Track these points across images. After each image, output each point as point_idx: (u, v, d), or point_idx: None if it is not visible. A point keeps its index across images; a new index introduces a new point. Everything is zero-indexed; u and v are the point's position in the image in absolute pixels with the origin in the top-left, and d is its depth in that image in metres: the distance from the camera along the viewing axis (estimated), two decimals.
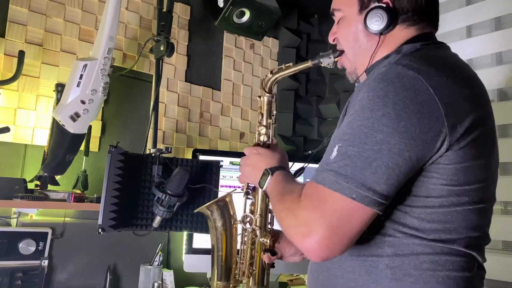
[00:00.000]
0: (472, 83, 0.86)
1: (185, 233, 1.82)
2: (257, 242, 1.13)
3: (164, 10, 1.81)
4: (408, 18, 0.90)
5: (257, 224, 1.12)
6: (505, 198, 1.76)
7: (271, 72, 1.13)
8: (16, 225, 1.53)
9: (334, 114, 2.47)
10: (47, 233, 1.56)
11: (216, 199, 1.19)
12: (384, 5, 0.89)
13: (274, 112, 1.18)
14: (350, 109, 0.82)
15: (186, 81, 2.06)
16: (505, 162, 1.79)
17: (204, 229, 1.53)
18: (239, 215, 1.17)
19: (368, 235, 0.82)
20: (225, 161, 1.88)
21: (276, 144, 1.19)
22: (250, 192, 1.15)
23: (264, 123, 1.17)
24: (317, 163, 1.24)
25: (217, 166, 1.58)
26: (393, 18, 0.89)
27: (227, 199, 1.20)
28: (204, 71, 2.14)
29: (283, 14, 2.16)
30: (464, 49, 1.91)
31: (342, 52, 1.02)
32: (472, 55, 1.91)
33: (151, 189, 1.42)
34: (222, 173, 1.61)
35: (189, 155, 1.98)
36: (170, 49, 1.76)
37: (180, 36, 2.04)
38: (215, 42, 2.20)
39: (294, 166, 1.15)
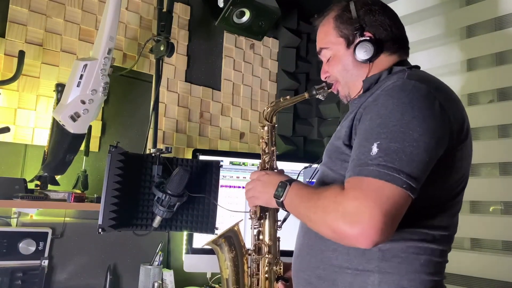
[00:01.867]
0: (458, 99, 1.02)
1: (185, 233, 1.82)
2: (270, 271, 1.14)
3: (164, 10, 1.81)
4: (389, 47, 1.08)
5: (268, 251, 1.14)
6: (505, 198, 1.76)
7: (271, 105, 1.27)
8: (16, 225, 1.54)
9: (334, 114, 2.47)
10: (47, 233, 1.56)
11: (224, 231, 1.18)
12: (368, 38, 1.06)
13: (275, 141, 1.27)
14: (371, 114, 0.91)
15: (186, 81, 2.06)
16: (505, 162, 1.79)
17: (204, 229, 1.53)
18: (248, 244, 1.19)
19: None
20: (225, 161, 1.88)
21: (282, 172, 1.23)
22: (258, 220, 1.16)
23: (268, 151, 1.24)
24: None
25: (217, 166, 1.58)
26: (378, 47, 1.06)
27: (235, 228, 1.20)
28: (204, 71, 2.14)
29: (283, 14, 2.16)
30: (464, 49, 1.91)
31: (334, 83, 1.16)
32: (472, 55, 1.91)
33: (151, 189, 1.42)
34: (222, 173, 1.61)
35: (189, 155, 1.98)
36: (170, 49, 1.76)
37: (180, 36, 2.04)
38: (215, 42, 2.20)
39: (294, 166, 1.15)
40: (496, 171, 1.83)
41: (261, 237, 1.16)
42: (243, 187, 1.91)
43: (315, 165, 1.21)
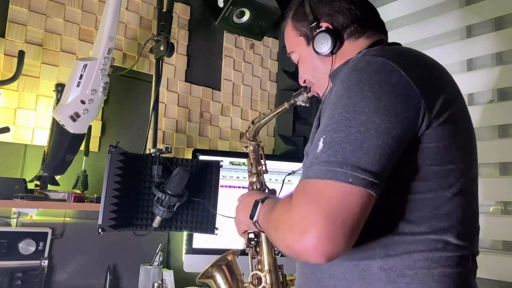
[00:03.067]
0: (438, 69, 0.87)
1: (185, 233, 1.82)
2: None
3: (164, 10, 1.81)
4: (352, 32, 0.97)
5: (267, 282, 1.04)
6: (505, 198, 1.76)
7: (252, 122, 1.20)
8: (16, 225, 1.53)
9: None
10: (47, 233, 1.56)
11: (215, 260, 1.09)
12: (324, 28, 0.96)
13: (263, 161, 1.19)
14: (327, 105, 0.81)
15: (186, 81, 2.06)
16: (505, 162, 1.79)
17: (204, 229, 1.53)
18: (246, 276, 1.09)
19: (358, 237, 0.75)
20: (225, 161, 1.88)
21: (274, 192, 1.17)
22: (252, 246, 1.08)
23: (255, 171, 1.17)
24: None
25: (217, 166, 1.58)
26: (337, 36, 0.96)
27: (229, 258, 1.13)
28: (204, 71, 2.14)
29: (283, 14, 2.16)
30: (464, 49, 1.91)
31: (310, 87, 1.09)
32: (472, 55, 1.91)
33: (151, 189, 1.42)
34: (222, 173, 1.60)
35: (189, 155, 1.98)
36: (170, 49, 1.76)
37: (180, 36, 2.04)
38: (215, 42, 2.20)
39: (294, 167, 1.14)
40: (496, 171, 1.83)
41: (259, 266, 1.06)
42: (243, 187, 1.91)
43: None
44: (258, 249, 1.08)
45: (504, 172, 1.80)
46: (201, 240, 1.81)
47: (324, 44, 0.95)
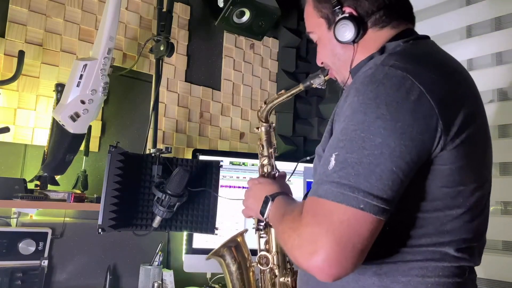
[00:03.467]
0: (460, 79, 0.84)
1: (185, 233, 1.82)
2: (278, 283, 1.06)
3: (164, 10, 1.81)
4: (377, 20, 0.90)
5: (275, 262, 1.06)
6: (505, 198, 1.76)
7: (265, 102, 1.15)
8: (16, 225, 1.53)
9: None
10: (47, 233, 1.56)
11: (225, 241, 1.12)
12: (348, 15, 0.89)
13: (274, 142, 1.17)
14: (340, 115, 0.79)
15: (186, 81, 2.06)
16: (505, 162, 1.79)
17: (204, 229, 1.53)
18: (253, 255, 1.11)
19: None
20: (225, 161, 1.88)
21: (283, 175, 1.16)
22: (261, 228, 1.10)
23: (266, 154, 1.16)
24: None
25: (217, 166, 1.58)
26: (361, 24, 0.89)
27: (238, 239, 1.15)
28: (204, 71, 2.14)
29: (283, 14, 2.16)
30: (464, 49, 1.91)
31: (328, 70, 1.04)
32: (472, 55, 1.91)
33: (151, 189, 1.42)
34: (222, 173, 1.60)
35: (189, 155, 1.98)
36: (170, 49, 1.76)
37: (180, 36, 2.04)
38: (215, 42, 2.20)
39: (294, 166, 1.13)
40: (496, 171, 1.83)
41: (267, 246, 1.09)
42: (243, 187, 1.91)
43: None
44: (266, 230, 1.10)
45: (504, 172, 1.80)
46: (201, 240, 1.81)
47: (347, 32, 0.89)
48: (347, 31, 0.89)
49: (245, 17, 2.00)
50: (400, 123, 0.70)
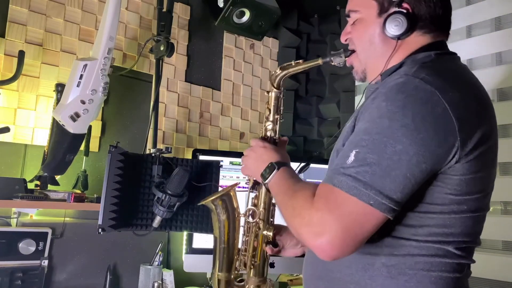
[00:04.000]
0: (481, 98, 0.89)
1: (185, 233, 1.82)
2: (260, 235, 1.14)
3: (164, 10, 1.81)
4: (425, 26, 0.93)
5: (260, 217, 1.14)
6: (505, 198, 1.76)
7: (280, 68, 1.13)
8: (16, 225, 1.53)
9: (334, 114, 2.47)
10: (47, 233, 1.56)
11: (220, 192, 1.19)
12: (405, 11, 0.91)
13: (282, 109, 1.18)
14: (365, 114, 0.83)
15: (186, 81, 2.06)
16: (505, 162, 1.79)
17: (204, 229, 1.53)
18: (242, 208, 1.18)
19: None
20: (225, 161, 1.88)
21: (285, 142, 1.20)
22: (254, 186, 1.16)
23: (271, 119, 1.17)
24: (320, 163, 1.22)
25: (217, 166, 1.58)
26: (412, 24, 0.91)
27: (231, 193, 1.20)
28: (204, 71, 2.14)
29: (283, 14, 2.16)
30: (464, 49, 1.91)
31: (352, 51, 1.02)
32: (472, 55, 1.91)
33: (151, 189, 1.42)
34: (222, 173, 1.60)
35: (189, 155, 1.98)
36: (170, 49, 1.76)
37: (180, 36, 2.04)
38: (215, 42, 2.20)
39: (294, 167, 1.14)
40: (496, 171, 1.82)
41: (255, 201, 1.16)
42: (244, 187, 1.91)
43: (316, 165, 1.21)
44: (257, 187, 1.16)
45: (504, 172, 1.80)
46: (201, 240, 1.81)
47: (398, 26, 0.90)
48: (399, 26, 0.90)
49: (245, 17, 2.00)
50: (422, 134, 0.77)
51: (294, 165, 1.15)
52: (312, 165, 1.21)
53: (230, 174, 1.91)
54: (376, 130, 0.78)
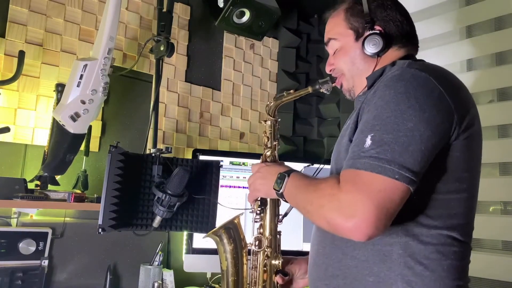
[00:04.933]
0: (463, 88, 0.99)
1: (185, 233, 1.82)
2: (269, 264, 1.14)
3: (164, 10, 1.81)
4: (398, 41, 1.08)
5: (268, 245, 1.14)
6: (505, 198, 1.76)
7: (274, 99, 1.24)
8: (16, 225, 1.54)
9: (334, 114, 2.47)
10: (47, 233, 1.56)
11: (224, 223, 1.19)
12: (378, 32, 1.05)
13: (278, 136, 1.27)
14: (370, 106, 0.90)
15: (186, 81, 2.06)
16: (505, 162, 1.79)
17: (204, 229, 1.53)
18: (248, 238, 1.19)
19: None
20: (225, 161, 1.88)
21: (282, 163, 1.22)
22: (258, 213, 1.16)
23: (270, 145, 1.23)
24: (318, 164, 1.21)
25: (217, 166, 1.58)
26: (387, 41, 1.05)
27: (235, 221, 1.21)
28: (204, 71, 2.14)
29: (283, 14, 2.16)
30: (464, 49, 1.92)
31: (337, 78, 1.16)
32: (472, 55, 1.91)
33: (151, 189, 1.42)
34: (222, 173, 1.61)
35: (189, 155, 1.98)
36: (170, 49, 1.76)
37: (180, 36, 2.04)
38: (215, 42, 2.20)
39: (294, 167, 1.14)
40: (496, 171, 1.83)
41: (261, 230, 1.16)
42: (244, 187, 1.91)
43: (316, 165, 1.22)
44: (262, 215, 1.17)
45: (504, 172, 1.80)
46: (201, 240, 1.80)
47: (375, 45, 1.04)
48: (376, 45, 1.05)
49: (245, 17, 2.00)
50: (427, 113, 0.85)
51: (295, 166, 1.15)
52: (327, 166, 1.22)
53: (230, 174, 1.91)
54: (386, 114, 0.86)
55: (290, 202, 1.02)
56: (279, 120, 1.27)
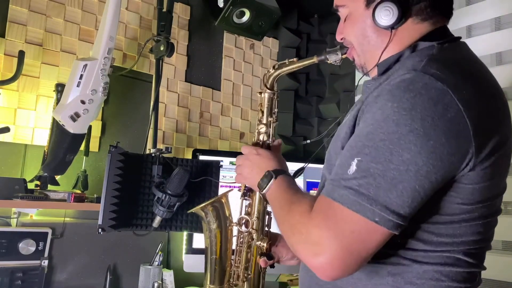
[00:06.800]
0: (496, 95, 0.82)
1: (185, 233, 1.82)
2: (253, 246, 1.07)
3: (164, 10, 1.81)
4: (421, 11, 0.83)
5: (254, 227, 1.07)
6: (505, 198, 1.75)
7: (274, 67, 1.09)
8: (16, 225, 1.53)
9: (334, 114, 2.47)
10: (47, 233, 1.56)
11: (211, 200, 1.14)
12: None
13: (275, 110, 1.13)
14: (368, 115, 0.75)
15: (186, 81, 2.06)
16: None
17: None
18: (235, 217, 1.12)
19: None
20: (225, 161, 1.88)
21: (279, 145, 1.14)
22: (247, 193, 1.10)
23: (264, 121, 1.11)
24: (317, 163, 1.20)
25: (217, 166, 1.58)
26: (405, 11, 0.82)
27: (222, 200, 1.16)
28: (204, 71, 2.14)
29: (283, 14, 2.16)
30: None
31: (347, 48, 0.97)
32: None
33: (151, 189, 1.42)
34: (222, 173, 1.60)
35: (189, 155, 1.98)
36: (170, 49, 1.76)
37: (180, 36, 2.04)
38: (215, 42, 2.20)
39: (294, 166, 1.14)
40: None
41: (249, 209, 1.09)
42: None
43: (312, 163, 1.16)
44: (251, 194, 1.10)
45: None
46: (201, 240, 1.80)
47: (388, 16, 0.82)
48: (389, 15, 0.82)
49: (245, 17, 2.00)
50: (432, 141, 0.68)
51: (294, 166, 1.14)
52: (310, 165, 1.18)
53: (230, 174, 1.91)
54: (380, 135, 0.70)
55: (270, 205, 0.95)
56: (278, 92, 1.13)
